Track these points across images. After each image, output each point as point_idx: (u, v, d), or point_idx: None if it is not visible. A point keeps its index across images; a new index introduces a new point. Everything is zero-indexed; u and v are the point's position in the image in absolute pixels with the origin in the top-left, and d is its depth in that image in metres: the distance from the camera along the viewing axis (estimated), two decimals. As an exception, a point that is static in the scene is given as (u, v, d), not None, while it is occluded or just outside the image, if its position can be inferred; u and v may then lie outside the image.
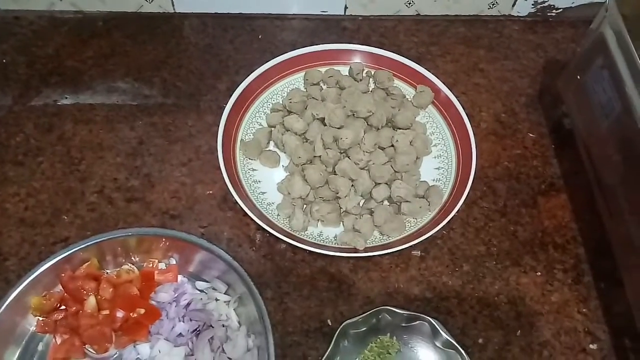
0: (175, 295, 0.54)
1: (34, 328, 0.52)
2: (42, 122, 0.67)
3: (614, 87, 0.54)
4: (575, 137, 0.64)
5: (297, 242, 0.56)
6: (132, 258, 0.56)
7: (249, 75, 0.66)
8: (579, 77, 0.60)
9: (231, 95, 0.65)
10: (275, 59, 0.67)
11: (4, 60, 0.72)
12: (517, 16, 0.80)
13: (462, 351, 0.51)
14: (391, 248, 0.56)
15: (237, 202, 0.57)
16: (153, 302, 0.54)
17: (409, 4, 0.77)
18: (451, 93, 0.66)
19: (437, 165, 0.64)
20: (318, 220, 0.59)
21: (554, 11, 0.79)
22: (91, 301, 0.52)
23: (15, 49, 0.73)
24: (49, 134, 0.66)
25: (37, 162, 0.64)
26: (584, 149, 0.62)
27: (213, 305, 0.54)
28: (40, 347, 0.52)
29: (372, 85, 0.69)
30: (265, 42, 0.76)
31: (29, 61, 0.72)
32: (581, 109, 0.61)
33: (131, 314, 0.52)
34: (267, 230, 0.56)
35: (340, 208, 0.59)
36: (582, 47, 0.60)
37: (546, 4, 0.78)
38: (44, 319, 0.52)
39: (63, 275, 0.53)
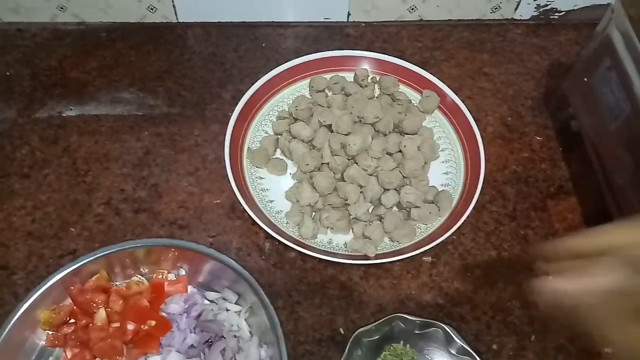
0: (186, 306, 0.53)
1: (44, 342, 0.52)
2: (47, 134, 0.66)
3: (622, 89, 0.54)
4: (583, 139, 0.63)
5: (307, 250, 0.55)
6: (141, 269, 0.56)
7: (253, 84, 0.66)
8: (585, 79, 0.60)
9: (237, 104, 0.64)
10: (280, 67, 0.67)
11: (8, 73, 0.72)
12: (520, 20, 0.80)
13: (477, 357, 0.51)
14: (402, 254, 0.55)
15: (245, 211, 0.57)
16: (163, 314, 0.53)
17: (412, 9, 0.77)
18: (457, 97, 0.66)
19: (446, 170, 0.64)
20: (327, 227, 0.59)
21: (556, 14, 0.79)
22: (101, 314, 0.51)
23: (18, 62, 0.73)
24: (55, 145, 0.66)
25: (43, 175, 0.63)
26: (592, 151, 0.61)
27: (224, 316, 0.53)
28: (50, 362, 0.52)
29: (377, 91, 0.69)
30: (269, 50, 0.76)
31: (32, 73, 0.72)
32: (589, 111, 0.61)
33: (142, 326, 0.51)
34: (276, 239, 0.56)
35: (350, 215, 0.59)
36: (588, 49, 0.60)
37: (549, 7, 0.78)
38: (53, 333, 0.52)
39: (72, 288, 0.52)
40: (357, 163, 0.60)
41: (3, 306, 0.54)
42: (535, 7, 0.78)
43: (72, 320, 0.53)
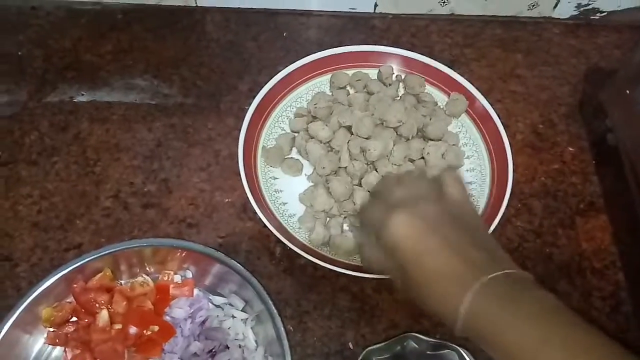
0: (191, 310, 0.52)
1: (45, 340, 0.51)
2: (58, 120, 0.64)
3: (669, 106, 0.50)
4: (619, 154, 0.59)
5: (317, 258, 0.52)
6: (147, 269, 0.54)
7: (272, 76, 0.63)
8: (628, 91, 0.56)
9: (253, 97, 0.61)
10: (300, 61, 0.64)
11: (20, 53, 0.70)
12: (558, 19, 0.75)
13: (492, 384, 0.48)
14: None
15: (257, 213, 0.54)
16: (167, 318, 0.51)
17: (443, 2, 0.73)
18: (487, 102, 0.62)
19: (470, 179, 0.60)
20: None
21: (597, 14, 0.74)
22: (103, 315, 0.50)
23: (31, 41, 0.71)
24: (65, 132, 0.64)
25: (51, 163, 0.61)
26: (629, 168, 0.57)
27: (229, 323, 0.51)
28: (50, 360, 0.50)
29: (401, 91, 0.65)
30: (289, 40, 0.72)
31: (45, 54, 0.70)
32: (629, 126, 0.57)
33: (144, 331, 0.50)
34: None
35: (353, 224, 0.56)
36: (634, 58, 0.56)
37: (590, 6, 0.73)
38: (54, 331, 0.50)
39: (75, 286, 0.51)
40: (376, 169, 0.57)
41: (5, 299, 0.53)
42: (576, 6, 0.73)
43: (74, 319, 0.51)
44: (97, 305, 0.51)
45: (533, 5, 0.73)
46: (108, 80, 0.68)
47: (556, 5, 0.73)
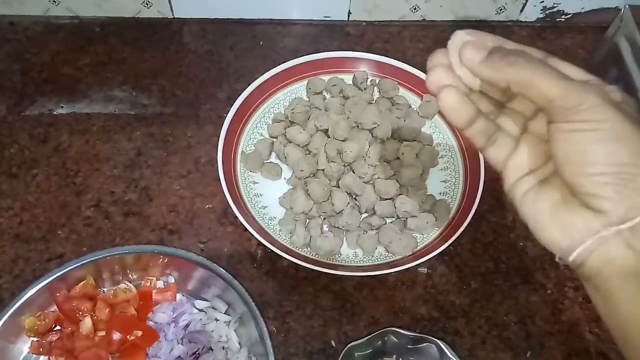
0: (174, 315, 0.52)
1: (29, 349, 0.51)
2: (37, 133, 0.65)
3: (628, 100, 0.52)
4: (586, 149, 0.61)
5: (299, 259, 0.54)
6: (130, 276, 0.55)
7: (250, 84, 0.64)
8: (591, 88, 0.58)
9: (232, 105, 0.63)
10: (277, 68, 0.65)
11: (-2, 68, 0.70)
12: (525, 22, 0.78)
13: (471, 374, 0.50)
14: (397, 266, 0.54)
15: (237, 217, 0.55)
16: (151, 323, 0.52)
17: (415, 9, 0.75)
18: (458, 103, 0.64)
19: (444, 177, 0.62)
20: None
21: (563, 17, 0.77)
22: (87, 322, 0.50)
23: (9, 56, 0.71)
24: (44, 145, 0.64)
25: (31, 175, 0.62)
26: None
27: (213, 326, 0.52)
28: (34, 370, 0.50)
29: (376, 94, 0.67)
30: (266, 48, 0.74)
31: (23, 69, 0.70)
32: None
33: (128, 337, 0.50)
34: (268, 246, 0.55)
35: (332, 225, 0.57)
36: (595, 57, 0.58)
37: (555, 9, 0.76)
38: (38, 340, 0.51)
39: (58, 295, 0.51)
40: (353, 170, 0.58)
41: (-12, 311, 0.53)
42: (542, 9, 0.76)
43: (58, 328, 0.51)
44: (80, 313, 0.51)
45: (501, 10, 0.76)
46: (87, 93, 0.68)
47: (523, 8, 0.76)
